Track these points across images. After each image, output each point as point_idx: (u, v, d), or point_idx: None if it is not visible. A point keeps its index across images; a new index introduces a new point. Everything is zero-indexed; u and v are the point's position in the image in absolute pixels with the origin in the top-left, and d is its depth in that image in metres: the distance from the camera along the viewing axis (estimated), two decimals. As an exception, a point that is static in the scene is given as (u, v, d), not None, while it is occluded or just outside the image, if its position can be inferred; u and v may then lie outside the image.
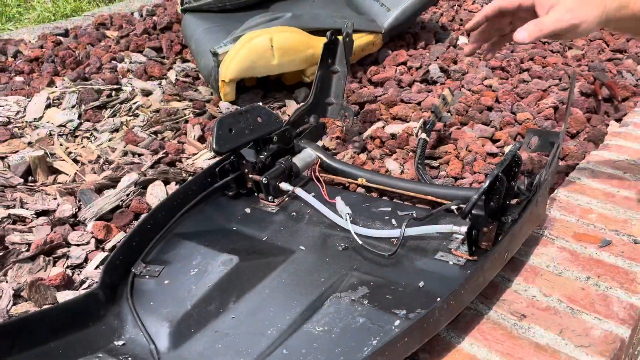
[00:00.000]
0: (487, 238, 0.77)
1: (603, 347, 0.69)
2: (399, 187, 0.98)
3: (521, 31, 0.77)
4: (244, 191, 0.98)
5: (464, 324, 0.74)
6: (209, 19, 1.70)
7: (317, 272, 0.80)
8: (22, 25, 2.44)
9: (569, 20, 0.76)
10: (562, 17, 0.76)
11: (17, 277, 0.90)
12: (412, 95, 1.44)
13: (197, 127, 1.35)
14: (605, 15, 0.78)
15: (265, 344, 0.69)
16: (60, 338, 0.69)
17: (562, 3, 0.77)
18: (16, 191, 1.12)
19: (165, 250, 0.85)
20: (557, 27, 0.77)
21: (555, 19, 0.76)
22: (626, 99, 1.40)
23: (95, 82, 1.59)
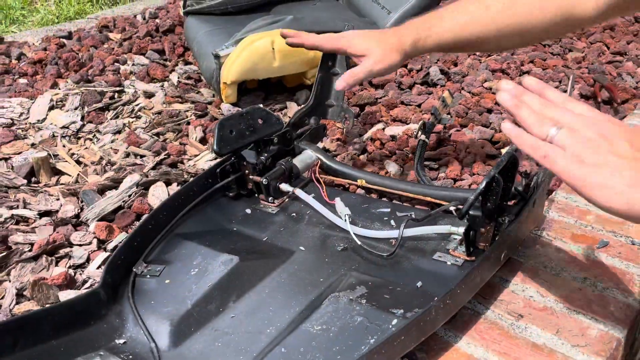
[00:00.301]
0: (484, 238, 0.78)
1: (599, 347, 0.70)
2: (398, 188, 0.99)
3: (340, 80, 0.92)
4: (245, 192, 0.99)
5: (461, 324, 0.75)
6: (211, 21, 1.71)
7: (316, 272, 0.81)
8: (26, 27, 2.46)
9: (378, 72, 0.91)
10: (372, 69, 0.90)
11: (20, 277, 0.91)
12: (412, 97, 1.45)
13: (199, 129, 1.36)
14: (406, 57, 0.92)
15: (264, 342, 0.70)
16: (62, 336, 0.70)
17: (371, 55, 0.90)
18: (19, 192, 1.14)
19: (166, 250, 0.86)
20: (369, 77, 0.92)
21: (367, 71, 0.90)
22: (626, 102, 1.40)
23: (98, 84, 1.60)
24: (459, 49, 0.94)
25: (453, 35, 0.89)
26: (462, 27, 0.89)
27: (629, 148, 0.55)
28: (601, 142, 0.55)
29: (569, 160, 0.56)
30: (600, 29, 1.89)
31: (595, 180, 0.54)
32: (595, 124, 0.57)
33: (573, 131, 0.56)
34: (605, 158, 0.54)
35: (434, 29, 0.91)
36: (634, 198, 0.53)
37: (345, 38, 0.93)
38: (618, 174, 0.53)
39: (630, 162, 0.54)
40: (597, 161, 0.54)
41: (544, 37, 0.92)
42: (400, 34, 0.91)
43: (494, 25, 0.87)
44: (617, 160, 0.54)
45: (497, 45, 0.92)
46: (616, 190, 0.53)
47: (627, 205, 0.53)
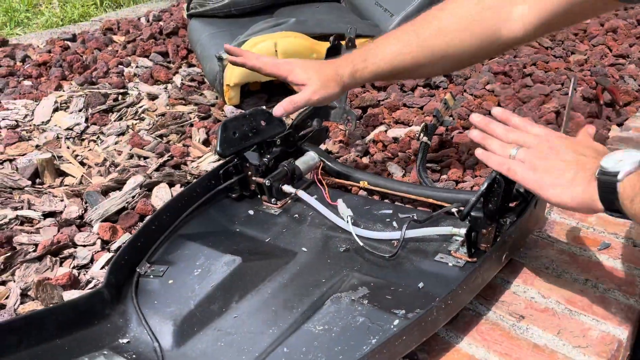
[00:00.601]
0: (486, 240, 0.78)
1: (600, 348, 0.70)
2: (400, 190, 0.99)
3: (278, 106, 0.92)
4: (247, 193, 1.00)
5: (463, 325, 0.75)
6: (214, 24, 1.72)
7: (318, 273, 0.81)
8: (31, 30, 2.47)
9: (316, 101, 0.93)
10: (310, 98, 0.92)
11: (24, 277, 0.91)
12: (414, 99, 1.45)
13: (202, 131, 1.37)
14: (345, 87, 0.94)
15: (266, 342, 0.70)
16: (66, 335, 0.71)
17: (310, 85, 0.91)
18: (24, 193, 1.14)
19: (170, 250, 0.87)
20: (306, 105, 0.94)
21: (305, 100, 0.92)
22: (628, 104, 1.41)
23: (102, 86, 1.61)
24: (398, 76, 0.97)
25: (389, 63, 0.92)
26: (396, 55, 0.91)
27: (572, 154, 0.69)
28: (550, 152, 0.70)
29: (526, 169, 0.70)
30: (603, 31, 1.90)
31: (546, 182, 0.68)
32: (547, 140, 0.72)
33: (529, 148, 0.72)
34: (552, 164, 0.69)
35: (370, 59, 0.93)
36: (575, 191, 0.65)
37: (286, 66, 0.95)
38: (562, 175, 0.67)
39: (571, 165, 0.67)
40: (547, 167, 0.69)
41: (475, 59, 0.95)
42: (337, 66, 0.94)
43: (426, 50, 0.90)
44: (562, 164, 0.68)
45: (432, 70, 0.95)
46: (562, 188, 0.67)
47: (571, 198, 0.66)
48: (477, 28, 0.87)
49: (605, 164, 0.62)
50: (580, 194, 0.65)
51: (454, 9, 0.89)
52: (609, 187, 0.61)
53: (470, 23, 0.87)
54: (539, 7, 0.83)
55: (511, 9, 0.85)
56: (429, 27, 0.90)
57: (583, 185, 0.65)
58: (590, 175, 0.64)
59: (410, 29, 0.92)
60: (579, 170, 0.66)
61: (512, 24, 0.86)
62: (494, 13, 0.86)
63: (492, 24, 0.87)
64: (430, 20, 0.91)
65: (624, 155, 0.62)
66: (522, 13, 0.84)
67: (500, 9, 0.86)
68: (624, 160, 0.61)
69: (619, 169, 0.61)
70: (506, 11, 0.85)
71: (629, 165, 0.61)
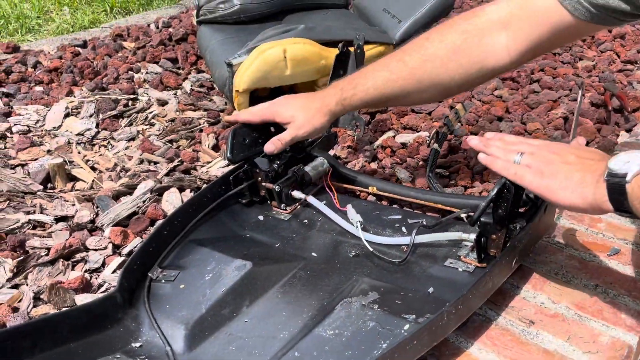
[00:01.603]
0: (495, 245, 0.78)
1: (610, 353, 0.70)
2: (409, 195, 1.00)
3: (269, 144, 0.95)
4: (257, 199, 1.01)
5: (472, 330, 0.76)
6: (223, 30, 1.73)
7: (328, 278, 0.82)
8: (42, 36, 2.49)
9: (302, 135, 0.96)
10: (296, 134, 0.95)
11: (37, 281, 0.93)
12: (422, 105, 1.46)
13: (212, 136, 1.38)
14: (333, 116, 0.96)
15: (277, 346, 0.71)
16: (80, 339, 0.72)
17: (295, 122, 0.95)
18: (36, 197, 1.16)
19: (181, 255, 0.87)
20: (293, 141, 0.97)
21: (291, 137, 0.95)
22: (636, 110, 1.40)
23: (113, 92, 1.63)
24: (386, 103, 0.98)
25: (377, 91, 0.93)
26: (384, 83, 0.92)
27: (575, 157, 0.70)
28: (554, 157, 0.71)
29: (533, 174, 0.71)
30: (611, 37, 1.90)
31: (555, 185, 0.69)
32: (547, 146, 0.74)
33: (532, 154, 0.73)
34: (558, 168, 0.70)
35: (358, 87, 0.94)
36: (584, 192, 0.66)
37: (271, 108, 0.97)
38: (570, 177, 0.68)
39: (577, 167, 0.69)
40: (553, 171, 0.70)
41: (463, 88, 0.95)
42: (324, 96, 0.96)
43: (413, 78, 0.91)
44: (568, 167, 0.69)
45: (419, 98, 0.96)
46: (571, 190, 0.68)
47: (581, 199, 0.67)
48: (463, 57, 0.88)
49: (613, 165, 0.63)
50: (590, 195, 0.66)
51: (440, 38, 0.90)
52: (618, 189, 0.63)
53: (455, 52, 0.88)
54: (523, 35, 0.84)
55: (495, 37, 0.86)
56: (416, 55, 0.91)
57: (592, 186, 0.66)
58: (599, 176, 0.65)
59: (398, 57, 0.93)
60: (586, 172, 0.67)
61: (497, 53, 0.86)
62: (478, 41, 0.87)
63: (477, 53, 0.87)
64: (417, 49, 0.91)
65: (630, 157, 0.63)
66: (506, 42, 0.85)
67: (484, 37, 0.86)
68: (631, 162, 0.62)
69: (626, 170, 0.62)
70: (490, 40, 0.86)
71: (636, 166, 0.62)
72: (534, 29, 0.82)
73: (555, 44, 0.87)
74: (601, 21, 0.78)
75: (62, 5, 2.83)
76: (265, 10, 1.77)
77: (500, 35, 0.85)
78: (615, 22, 0.79)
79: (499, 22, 0.85)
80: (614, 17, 0.77)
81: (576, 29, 0.80)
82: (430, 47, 0.90)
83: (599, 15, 0.77)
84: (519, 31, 0.84)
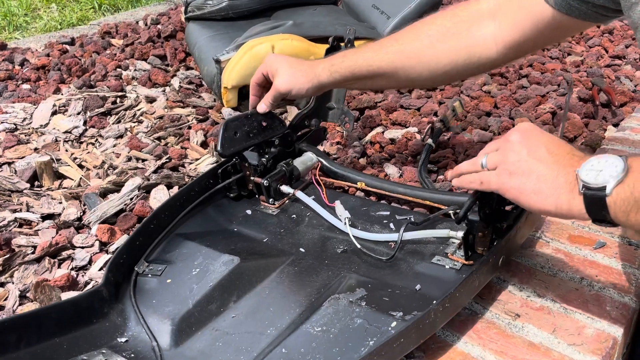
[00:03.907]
0: (482, 243, 0.78)
1: (595, 345, 0.71)
2: (397, 191, 1.00)
3: (260, 104, 0.98)
4: (245, 193, 1.00)
5: (459, 323, 0.76)
6: (212, 27, 1.72)
7: (316, 274, 0.82)
8: (29, 34, 2.48)
9: (282, 89, 0.96)
10: (276, 87, 0.96)
11: (23, 279, 0.92)
12: (411, 101, 1.46)
13: (200, 133, 1.37)
14: (317, 81, 0.96)
15: (264, 343, 0.71)
16: (65, 334, 0.71)
17: (279, 75, 0.96)
18: (23, 195, 1.15)
19: (168, 250, 0.87)
20: (274, 96, 0.97)
21: (272, 90, 0.97)
22: (624, 105, 1.41)
23: (101, 89, 1.62)
24: (374, 80, 0.98)
25: (366, 62, 0.95)
26: (373, 55, 0.95)
27: (546, 153, 0.64)
28: (521, 149, 0.65)
29: (501, 176, 0.66)
30: (599, 33, 1.91)
31: (527, 187, 0.63)
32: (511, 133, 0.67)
33: (498, 149, 0.68)
34: (529, 166, 0.63)
35: (348, 56, 0.97)
36: (559, 200, 0.61)
37: (265, 60, 1.00)
38: (543, 178, 0.62)
39: (550, 167, 0.63)
40: (524, 169, 0.64)
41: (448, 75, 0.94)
42: (314, 62, 0.99)
43: (402, 54, 0.93)
44: (540, 166, 0.63)
45: (406, 78, 0.96)
46: (545, 195, 0.62)
47: (554, 207, 0.62)
48: (451, 40, 0.90)
49: (587, 178, 0.58)
50: (565, 205, 0.61)
51: (432, 21, 0.93)
52: (598, 202, 0.58)
53: (444, 34, 0.90)
54: (508, 26, 0.85)
55: (483, 26, 0.88)
56: (407, 34, 0.94)
57: (566, 194, 0.61)
58: (572, 180, 0.61)
59: (391, 36, 0.97)
60: (559, 172, 0.62)
61: (484, 41, 0.88)
62: (468, 27, 0.89)
63: (465, 39, 0.89)
64: (410, 29, 0.95)
65: (601, 164, 0.59)
66: (493, 32, 0.87)
67: (473, 24, 0.89)
68: (604, 170, 0.58)
69: (604, 182, 0.57)
70: (478, 28, 0.88)
71: (612, 177, 0.57)
72: (519, 21, 0.83)
73: (540, 39, 0.86)
74: (582, 15, 0.78)
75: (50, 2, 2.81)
76: (253, 6, 1.77)
77: (489, 25, 0.87)
78: (600, 17, 0.79)
79: (488, 12, 0.87)
80: (594, 11, 0.77)
81: (558, 22, 0.80)
82: (421, 28, 0.93)
83: (579, 9, 0.77)
84: (505, 22, 0.85)
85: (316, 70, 0.96)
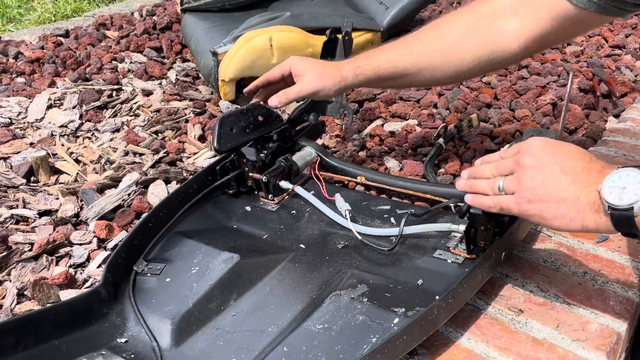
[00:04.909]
0: (485, 237, 0.78)
1: (599, 341, 0.70)
2: (398, 185, 0.99)
3: (273, 98, 0.96)
4: (244, 189, 0.99)
5: (462, 320, 0.75)
6: (208, 18, 1.70)
7: (317, 270, 0.81)
8: (23, 26, 2.45)
9: (308, 90, 0.96)
10: (303, 87, 0.96)
11: (20, 277, 0.91)
12: (411, 93, 1.45)
13: (198, 127, 1.36)
14: (343, 83, 0.97)
15: (265, 341, 0.70)
16: (64, 335, 0.70)
17: (307, 75, 0.96)
18: (19, 191, 1.13)
19: (167, 248, 0.86)
20: (299, 95, 0.97)
21: (298, 90, 0.96)
22: (624, 95, 1.40)
23: (96, 82, 1.60)
24: (398, 80, 0.98)
25: (390, 64, 0.95)
26: (398, 57, 0.94)
27: (561, 175, 0.63)
28: (536, 175, 0.64)
29: (521, 204, 0.65)
30: (599, 22, 1.89)
31: (548, 213, 0.63)
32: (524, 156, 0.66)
33: (513, 177, 0.67)
34: (547, 191, 0.63)
35: (372, 58, 0.96)
36: (586, 220, 0.61)
37: (287, 61, 1.00)
38: (564, 203, 0.62)
39: (568, 189, 0.62)
40: (542, 196, 0.63)
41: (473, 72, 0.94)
42: (339, 63, 0.99)
43: (427, 55, 0.93)
44: (558, 190, 0.62)
45: (431, 77, 0.95)
46: (570, 218, 0.62)
47: (580, 226, 0.62)
48: (475, 37, 0.90)
49: (611, 199, 0.58)
50: (592, 224, 0.61)
51: (454, 18, 0.93)
52: (626, 222, 0.58)
53: (468, 31, 0.90)
54: (530, 21, 0.85)
55: (506, 21, 0.87)
56: (430, 33, 0.94)
57: (592, 214, 0.60)
58: (596, 200, 0.60)
59: (414, 35, 0.96)
60: (580, 194, 0.61)
61: (507, 37, 0.87)
62: (490, 22, 0.89)
63: (488, 34, 0.89)
64: (432, 27, 0.95)
65: (622, 180, 0.58)
66: (516, 27, 0.86)
67: (495, 19, 0.88)
68: (628, 188, 0.57)
69: (629, 202, 0.57)
70: (501, 23, 0.88)
71: (637, 195, 0.56)
72: (540, 16, 0.83)
73: (561, 34, 0.86)
74: (604, 11, 0.78)
75: (43, -7, 2.78)
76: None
77: (511, 20, 0.87)
78: (618, 12, 0.78)
79: (509, 8, 0.87)
80: (613, 6, 0.77)
81: (577, 17, 0.80)
82: (444, 25, 0.93)
83: (597, 4, 0.77)
84: (527, 17, 0.85)
85: (342, 72, 0.97)
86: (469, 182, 0.74)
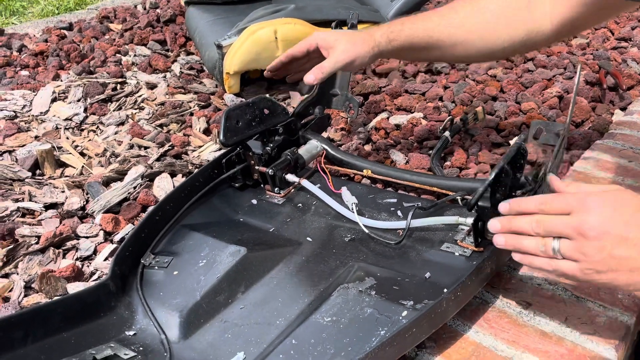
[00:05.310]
0: (492, 229, 0.77)
1: (608, 334, 0.70)
2: (404, 178, 0.98)
3: (309, 75, 0.92)
4: (251, 183, 0.99)
5: (470, 313, 0.75)
6: (212, 11, 1.70)
7: (324, 263, 0.81)
8: (26, 19, 2.44)
9: (344, 60, 0.91)
10: (337, 59, 0.91)
11: (27, 269, 0.91)
12: (416, 85, 1.44)
13: (202, 120, 1.36)
14: (377, 49, 0.93)
15: (274, 334, 0.70)
16: (72, 328, 0.71)
17: (338, 46, 0.91)
18: (24, 184, 1.14)
19: (174, 241, 0.86)
20: (335, 67, 0.92)
21: (334, 62, 0.91)
22: (631, 88, 1.39)
23: (100, 75, 1.60)
24: (430, 52, 0.96)
25: (425, 33, 0.93)
26: (434, 27, 0.92)
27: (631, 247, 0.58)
28: (603, 246, 0.59)
29: (587, 273, 0.61)
30: (605, 14, 1.88)
31: (622, 282, 0.60)
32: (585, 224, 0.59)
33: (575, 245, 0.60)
34: (617, 262, 0.59)
35: (406, 24, 0.94)
36: None
37: (314, 35, 0.96)
38: (637, 272, 0.59)
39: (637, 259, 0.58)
40: (611, 266, 0.59)
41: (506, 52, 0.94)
42: (370, 30, 0.95)
43: (463, 28, 0.91)
44: (628, 262, 0.58)
45: (465, 52, 0.94)
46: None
47: None
48: (512, 15, 0.88)
49: None
50: None
51: None
52: None
53: (505, 8, 0.89)
54: (563, 3, 0.84)
55: (538, 2, 0.87)
56: (468, 6, 0.92)
57: None
58: None
59: (450, 6, 0.94)
60: None
61: (541, 19, 0.87)
62: (527, 2, 0.88)
63: (524, 14, 0.88)
64: (470, 1, 0.93)
65: None
66: (549, 9, 0.86)
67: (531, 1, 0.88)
68: None
69: None
70: (536, 5, 0.87)
71: None
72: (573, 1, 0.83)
73: (590, 18, 0.85)
74: None
75: (46, -14, 2.77)
76: (254, -11, 1.74)
77: (544, 2, 0.86)
78: None
79: None
80: None
81: (609, 3, 0.80)
82: (481, 0, 0.91)
83: None
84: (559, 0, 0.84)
85: (375, 37, 0.93)
86: (511, 240, 0.66)
